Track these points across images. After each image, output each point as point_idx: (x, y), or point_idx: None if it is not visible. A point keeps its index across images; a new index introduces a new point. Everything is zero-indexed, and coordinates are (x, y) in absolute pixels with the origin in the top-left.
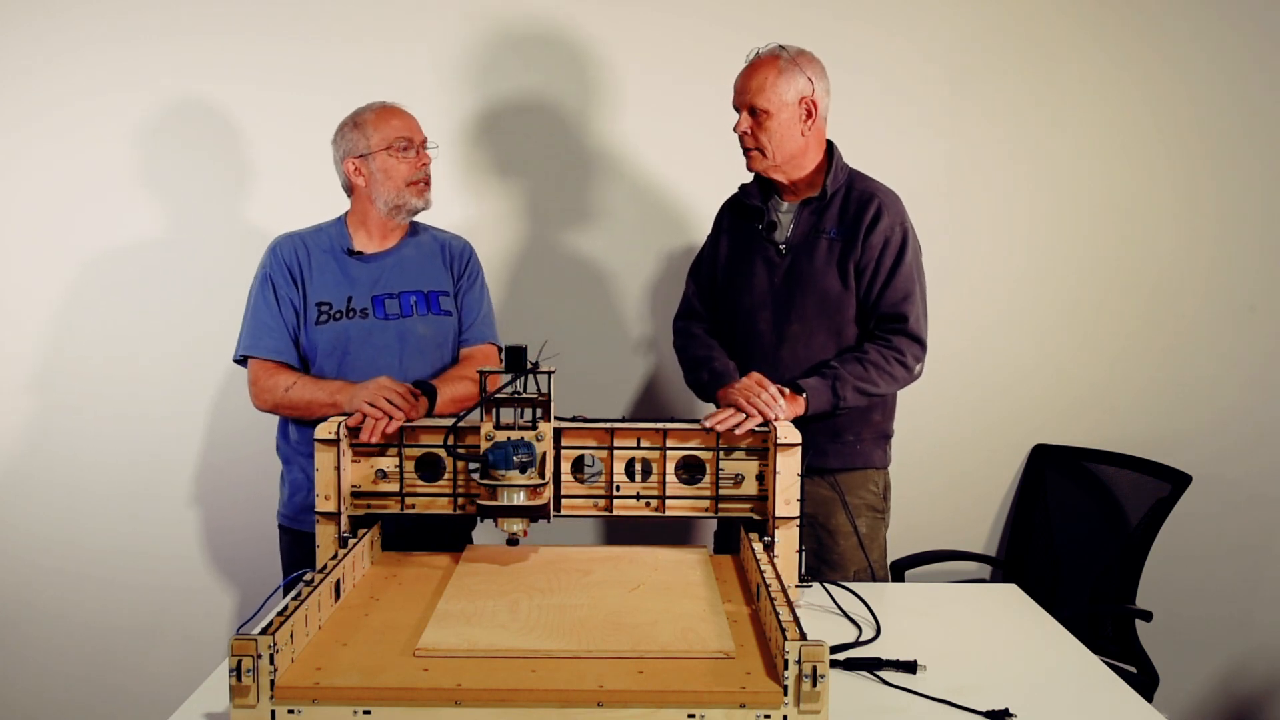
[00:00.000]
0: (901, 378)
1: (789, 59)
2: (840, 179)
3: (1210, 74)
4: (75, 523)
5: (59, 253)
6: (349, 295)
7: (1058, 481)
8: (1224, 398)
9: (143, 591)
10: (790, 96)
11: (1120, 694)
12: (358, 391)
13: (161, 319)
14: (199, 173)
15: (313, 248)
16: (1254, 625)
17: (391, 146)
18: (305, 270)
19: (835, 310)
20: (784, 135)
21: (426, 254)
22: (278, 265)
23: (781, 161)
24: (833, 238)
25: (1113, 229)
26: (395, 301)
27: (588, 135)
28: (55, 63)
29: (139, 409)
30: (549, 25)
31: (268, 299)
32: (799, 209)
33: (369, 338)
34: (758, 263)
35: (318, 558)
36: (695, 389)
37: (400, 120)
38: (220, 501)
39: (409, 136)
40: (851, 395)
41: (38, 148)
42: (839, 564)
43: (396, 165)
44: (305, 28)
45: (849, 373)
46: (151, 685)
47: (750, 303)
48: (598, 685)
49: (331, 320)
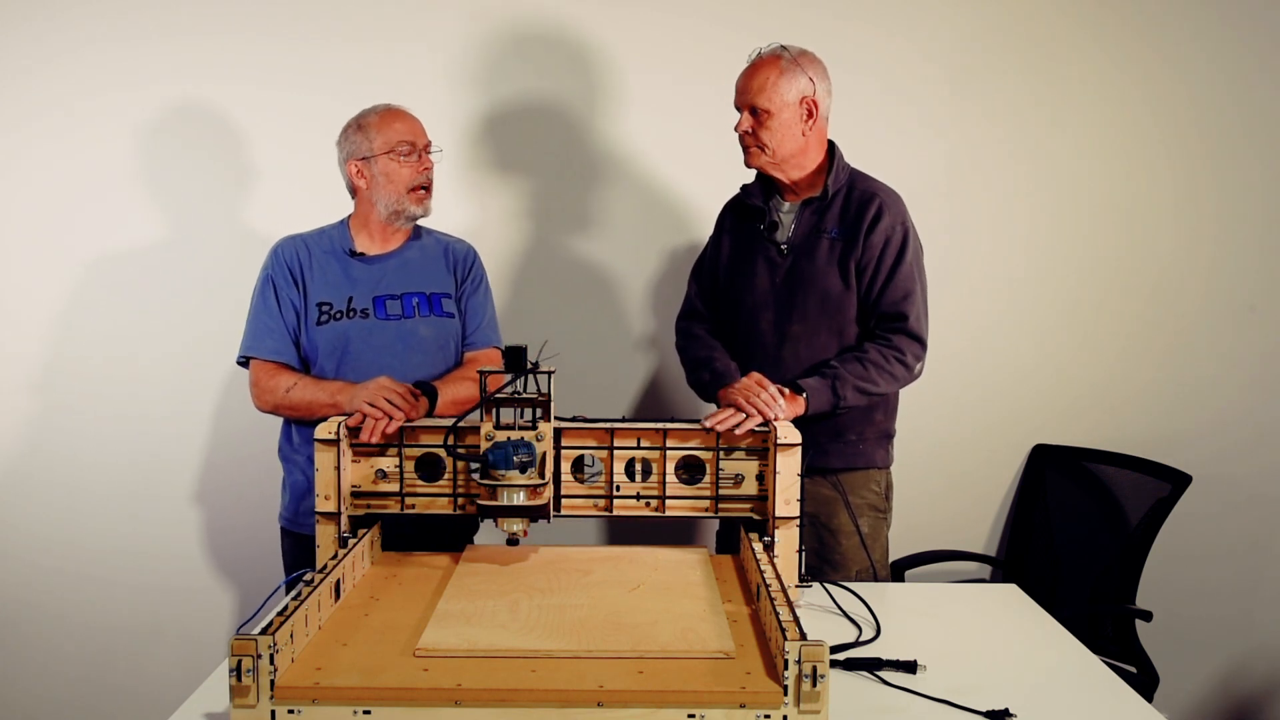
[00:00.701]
0: (902, 377)
1: (791, 59)
2: (841, 179)
3: (1210, 74)
4: (75, 523)
5: (59, 253)
6: (350, 295)
7: (1058, 481)
8: (1224, 398)
9: (143, 591)
10: (791, 96)
11: (1120, 694)
12: (358, 392)
13: (161, 319)
14: (198, 173)
15: (314, 249)
16: (1254, 625)
17: (394, 150)
18: (306, 271)
19: (837, 310)
20: (785, 135)
21: (430, 256)
22: (279, 266)
23: (781, 160)
24: (834, 237)
25: (1113, 229)
26: (397, 302)
27: (589, 136)
28: (54, 63)
29: (139, 409)
30: (551, 25)
31: (268, 301)
32: (800, 209)
33: (369, 338)
34: (759, 263)
35: (318, 558)
36: (697, 389)
37: (404, 124)
38: (220, 502)
39: (412, 140)
40: (852, 395)
41: (38, 148)
42: (841, 564)
43: (398, 170)
44: (306, 28)
45: (849, 372)
46: (151, 685)
47: (752, 302)
48: (598, 685)
49: (332, 320)
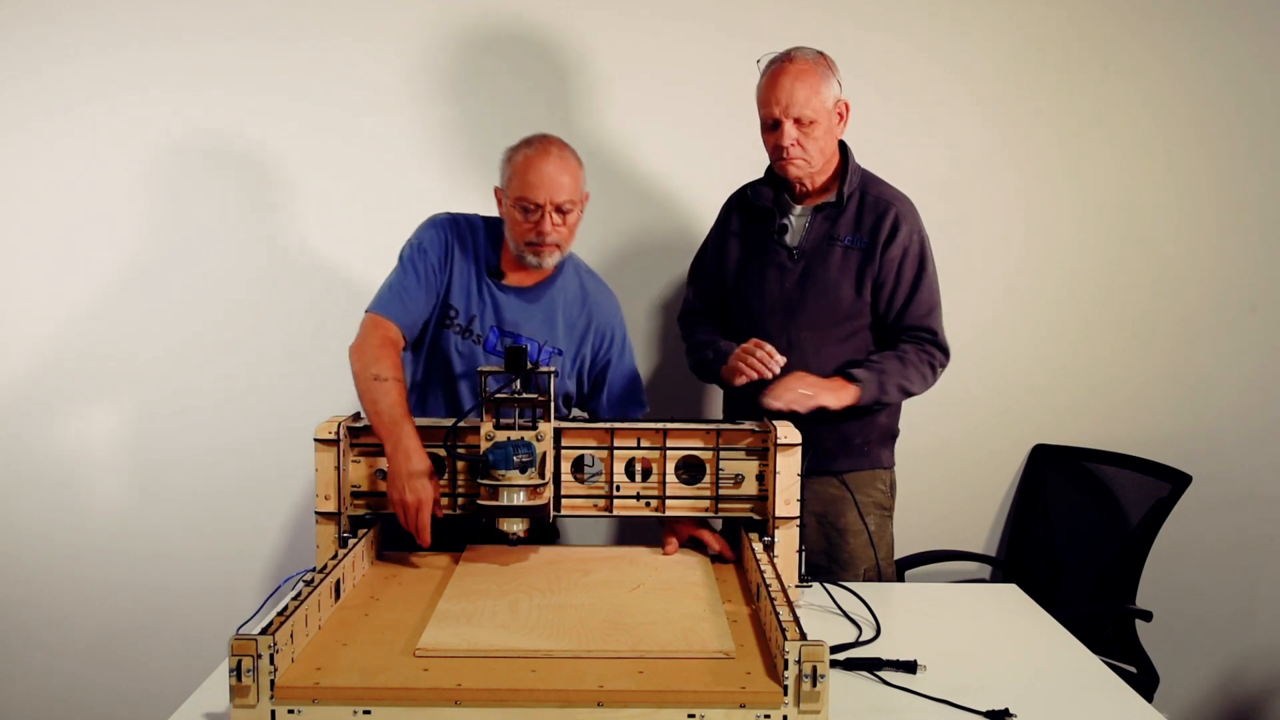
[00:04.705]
0: (929, 381)
1: (823, 64)
2: (854, 183)
3: (1211, 74)
4: (75, 523)
5: (58, 252)
6: (475, 315)
7: (1058, 481)
8: (1224, 398)
9: (143, 591)
10: (830, 103)
11: (1120, 694)
12: (406, 470)
13: (162, 319)
14: (192, 174)
15: (467, 248)
16: (1254, 625)
17: (516, 202)
18: (454, 266)
19: (846, 318)
20: (825, 142)
21: (566, 302)
22: (437, 245)
23: (818, 168)
24: (848, 245)
25: (1113, 229)
26: (510, 341)
27: (580, 132)
28: (56, 65)
29: (140, 408)
30: (540, 25)
31: (415, 270)
32: (812, 214)
33: (469, 362)
34: (769, 267)
35: (318, 558)
36: (699, 370)
37: (535, 178)
38: (221, 502)
39: (532, 201)
40: (894, 391)
41: (39, 148)
42: (849, 562)
43: (519, 221)
44: (295, 27)
45: (892, 369)
46: (151, 685)
47: (760, 307)
48: (598, 685)
49: (451, 330)
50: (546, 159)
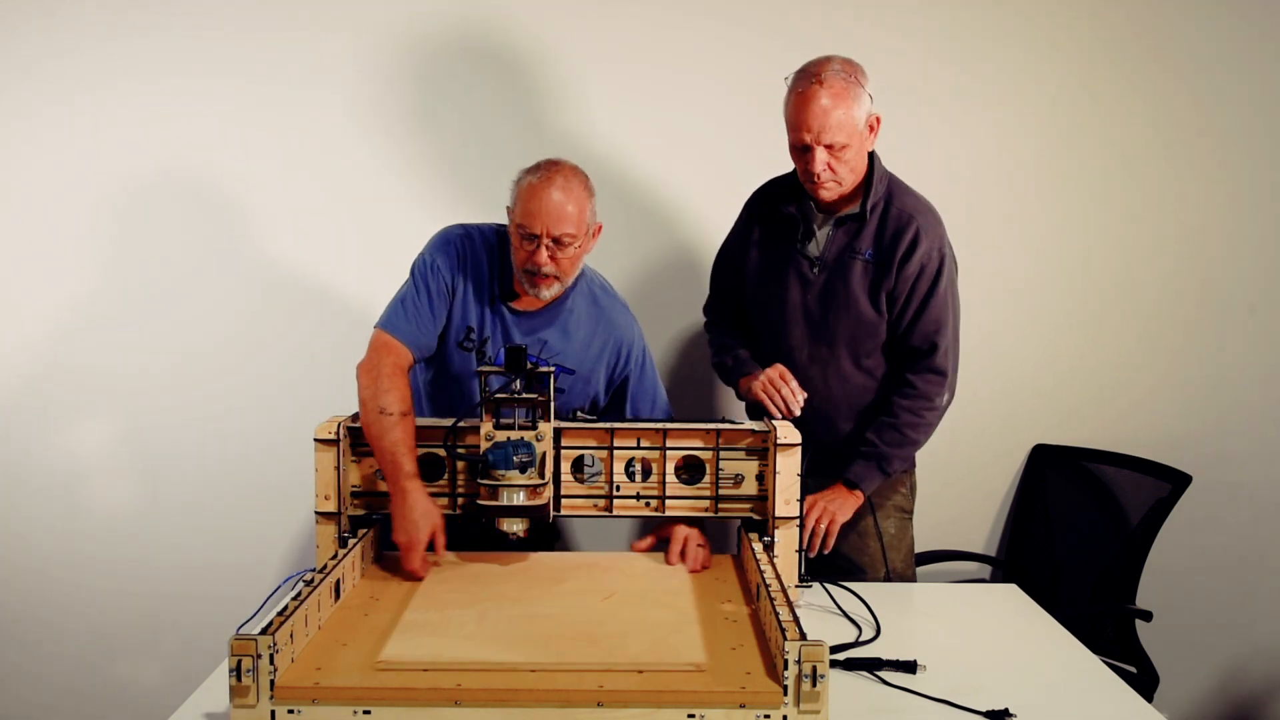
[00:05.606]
0: (934, 420)
1: (852, 79)
2: (880, 193)
3: (1211, 75)
4: (75, 524)
5: (58, 253)
6: (488, 338)
7: (1058, 481)
8: (1224, 398)
9: (143, 592)
10: (861, 123)
11: (1120, 694)
12: (408, 504)
13: (161, 325)
14: (197, 179)
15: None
16: (1254, 625)
17: (517, 228)
18: (461, 287)
19: (867, 335)
20: (857, 161)
21: (580, 323)
22: (449, 264)
23: (850, 188)
24: (867, 259)
25: (1114, 229)
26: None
27: (580, 133)
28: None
29: (140, 412)
30: (527, 23)
31: (424, 289)
32: (834, 226)
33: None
34: (791, 276)
35: (318, 558)
36: (720, 371)
37: (535, 206)
38: (220, 503)
39: (531, 230)
40: (898, 464)
41: (39, 148)
42: (870, 565)
43: (518, 247)
44: (271, 33)
45: (887, 444)
46: (151, 685)
47: (781, 316)
48: (598, 685)
49: (465, 351)
50: (549, 187)
